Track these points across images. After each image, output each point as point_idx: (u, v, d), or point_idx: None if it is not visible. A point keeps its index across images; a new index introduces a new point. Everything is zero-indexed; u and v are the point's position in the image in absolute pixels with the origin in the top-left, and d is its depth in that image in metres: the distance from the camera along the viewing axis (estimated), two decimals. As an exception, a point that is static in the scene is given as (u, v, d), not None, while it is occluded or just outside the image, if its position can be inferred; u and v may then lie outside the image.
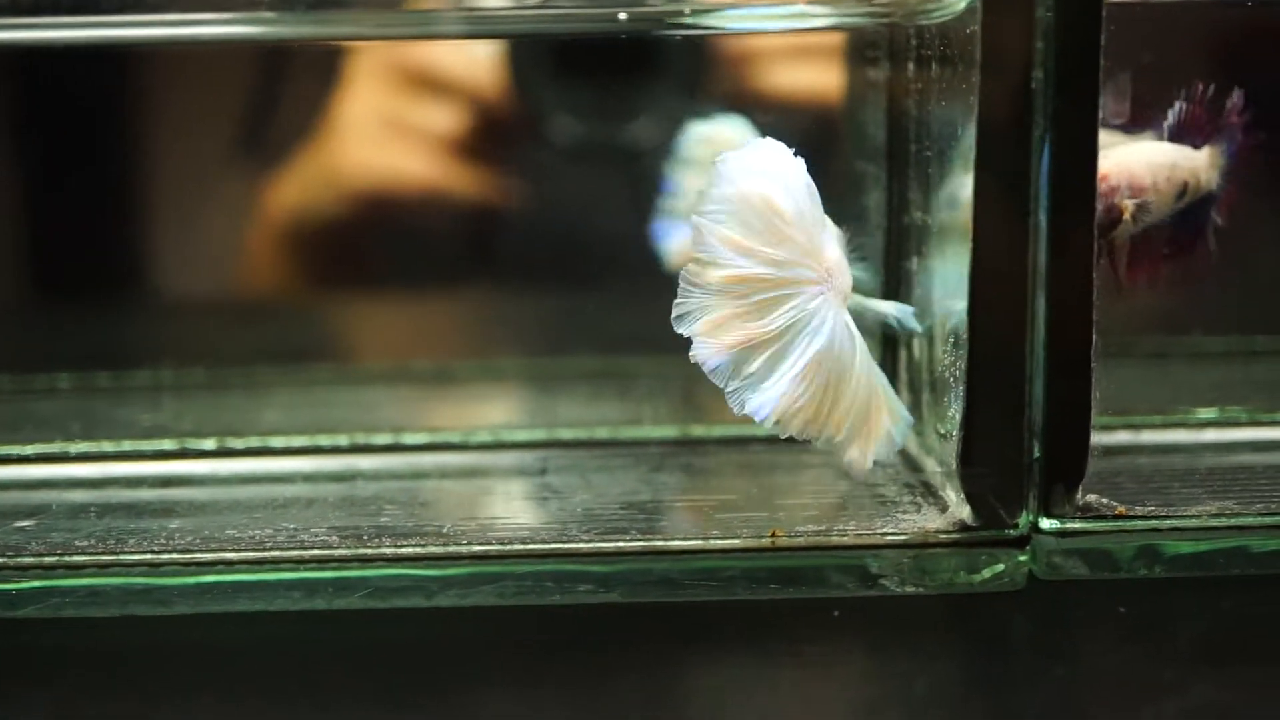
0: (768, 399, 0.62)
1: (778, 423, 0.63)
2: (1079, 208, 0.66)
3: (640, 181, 0.91)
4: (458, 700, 0.58)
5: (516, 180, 0.95)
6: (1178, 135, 0.73)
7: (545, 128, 0.92)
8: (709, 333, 0.62)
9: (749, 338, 0.62)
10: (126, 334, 0.97)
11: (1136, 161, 0.70)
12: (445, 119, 0.93)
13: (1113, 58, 0.65)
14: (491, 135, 0.93)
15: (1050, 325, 0.67)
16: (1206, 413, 0.85)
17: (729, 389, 0.63)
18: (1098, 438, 0.79)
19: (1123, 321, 0.89)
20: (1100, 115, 0.66)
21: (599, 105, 0.93)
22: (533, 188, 0.96)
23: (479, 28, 0.83)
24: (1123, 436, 0.82)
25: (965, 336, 0.67)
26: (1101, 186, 0.68)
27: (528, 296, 0.97)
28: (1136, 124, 0.72)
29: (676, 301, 0.63)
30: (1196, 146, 0.73)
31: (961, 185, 0.68)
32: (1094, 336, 0.67)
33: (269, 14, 0.75)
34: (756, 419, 0.63)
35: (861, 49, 0.85)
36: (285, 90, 0.94)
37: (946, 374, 0.70)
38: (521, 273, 0.97)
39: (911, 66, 0.78)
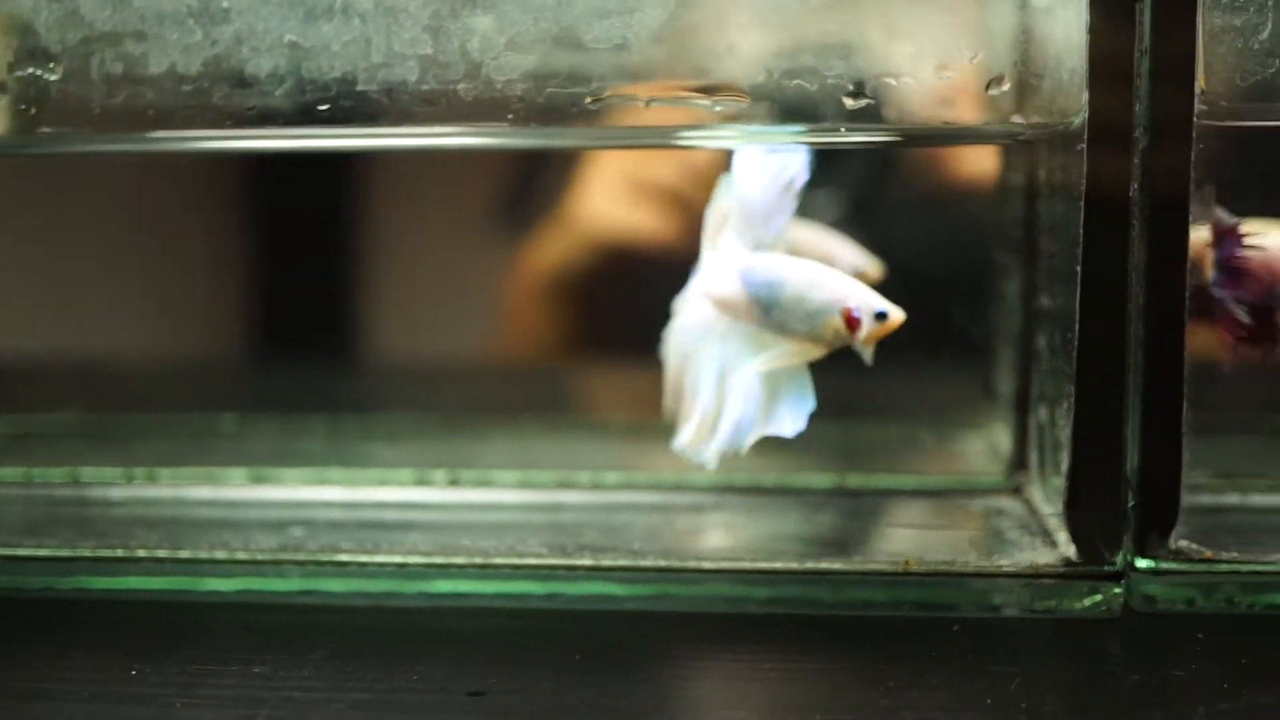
0: None
1: None
2: (1171, 296, 0.78)
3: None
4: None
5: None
6: None
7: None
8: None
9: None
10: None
11: None
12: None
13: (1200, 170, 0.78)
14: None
15: (1145, 393, 0.79)
16: (1311, 481, 0.96)
17: None
18: (1204, 498, 0.91)
19: (1244, 401, 1.01)
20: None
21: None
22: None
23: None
24: (1230, 498, 0.94)
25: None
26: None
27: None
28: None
29: None
30: None
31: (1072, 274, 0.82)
32: (1185, 405, 0.79)
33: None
34: None
35: (1005, 159, 0.99)
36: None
37: (1062, 435, 0.83)
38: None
39: (1042, 174, 0.91)
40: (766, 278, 0.79)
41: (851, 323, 0.78)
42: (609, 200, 1.09)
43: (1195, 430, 0.80)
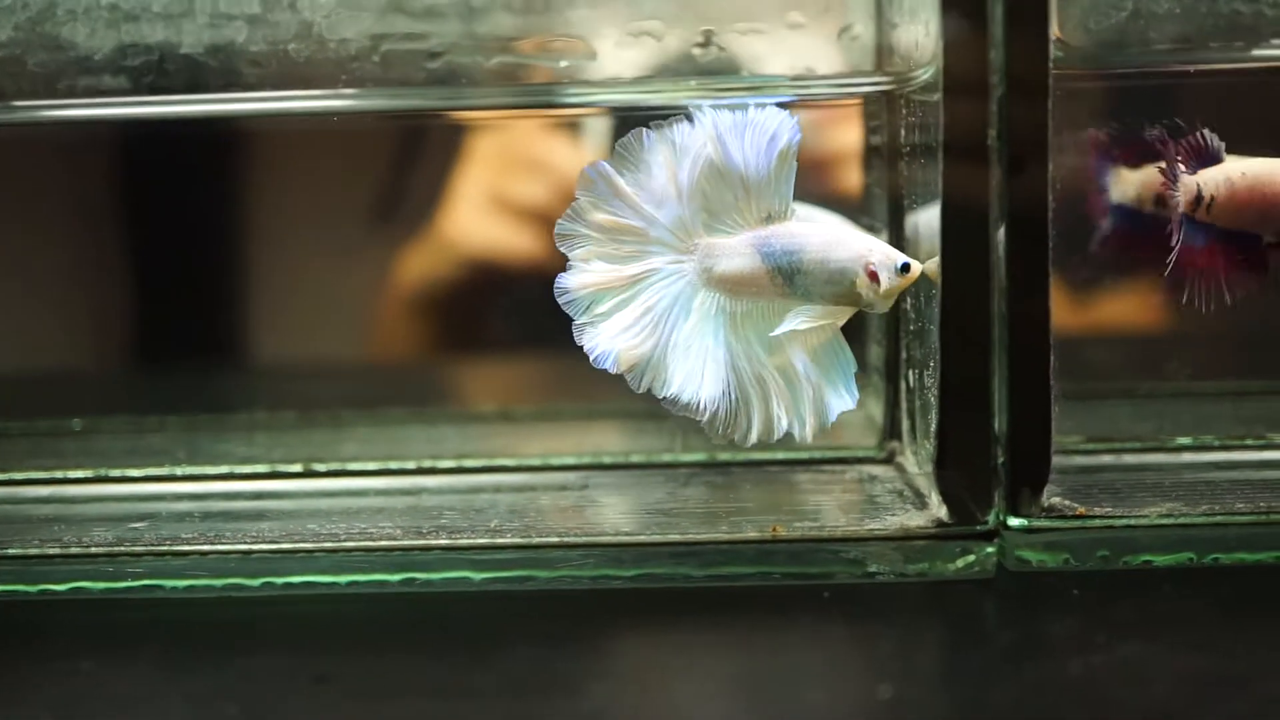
0: (600, 340, 0.76)
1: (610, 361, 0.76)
2: (1033, 247, 0.77)
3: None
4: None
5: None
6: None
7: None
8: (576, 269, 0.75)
9: (604, 280, 0.75)
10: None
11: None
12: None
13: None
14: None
15: (1011, 347, 0.77)
16: (1183, 440, 0.94)
17: (578, 322, 0.76)
18: (1080, 459, 0.90)
19: (1120, 367, 1.00)
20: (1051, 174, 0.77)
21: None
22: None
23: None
24: (1105, 459, 0.92)
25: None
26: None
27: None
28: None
29: (559, 223, 0.76)
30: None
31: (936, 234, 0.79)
32: (1051, 358, 0.77)
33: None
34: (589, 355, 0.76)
35: (867, 119, 0.97)
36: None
37: (931, 397, 0.81)
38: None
39: (903, 132, 0.89)
40: (784, 245, 0.76)
41: (871, 277, 0.76)
42: (470, 214, 1.07)
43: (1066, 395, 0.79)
